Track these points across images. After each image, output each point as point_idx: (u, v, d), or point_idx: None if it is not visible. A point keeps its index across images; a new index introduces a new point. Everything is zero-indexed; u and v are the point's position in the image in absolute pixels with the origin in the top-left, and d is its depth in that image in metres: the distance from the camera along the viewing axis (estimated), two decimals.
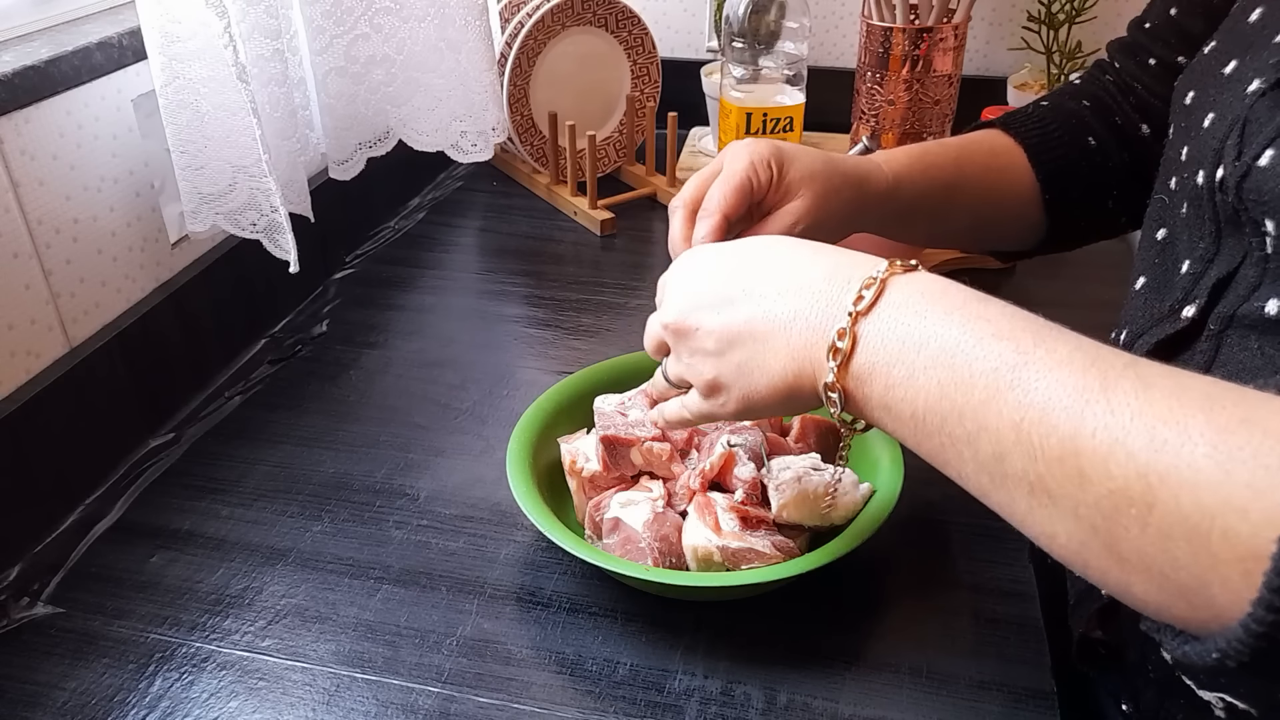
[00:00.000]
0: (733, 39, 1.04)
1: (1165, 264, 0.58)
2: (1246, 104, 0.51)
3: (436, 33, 0.96)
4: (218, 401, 0.82)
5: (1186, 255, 0.55)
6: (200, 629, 0.61)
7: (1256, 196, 0.48)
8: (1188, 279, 0.55)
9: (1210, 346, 0.52)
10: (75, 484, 0.71)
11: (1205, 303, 0.53)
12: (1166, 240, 0.59)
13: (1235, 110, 0.52)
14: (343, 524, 0.69)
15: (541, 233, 1.11)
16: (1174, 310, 0.55)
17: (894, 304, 0.44)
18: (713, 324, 0.50)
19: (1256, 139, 0.49)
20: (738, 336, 0.49)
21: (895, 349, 0.43)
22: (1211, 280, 0.52)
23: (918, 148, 0.72)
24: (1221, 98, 0.54)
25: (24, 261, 0.69)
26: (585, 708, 0.55)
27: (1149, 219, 0.62)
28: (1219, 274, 0.52)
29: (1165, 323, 0.55)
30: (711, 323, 0.50)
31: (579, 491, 0.66)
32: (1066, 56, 1.19)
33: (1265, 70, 0.51)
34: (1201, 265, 0.54)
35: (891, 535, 0.60)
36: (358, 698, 0.56)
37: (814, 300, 0.46)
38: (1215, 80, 0.56)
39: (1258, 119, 0.50)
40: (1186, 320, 0.53)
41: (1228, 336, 0.51)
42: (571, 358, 0.87)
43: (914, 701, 0.55)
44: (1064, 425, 0.37)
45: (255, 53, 0.77)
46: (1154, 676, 0.55)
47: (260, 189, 0.78)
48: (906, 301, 0.44)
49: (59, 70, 0.69)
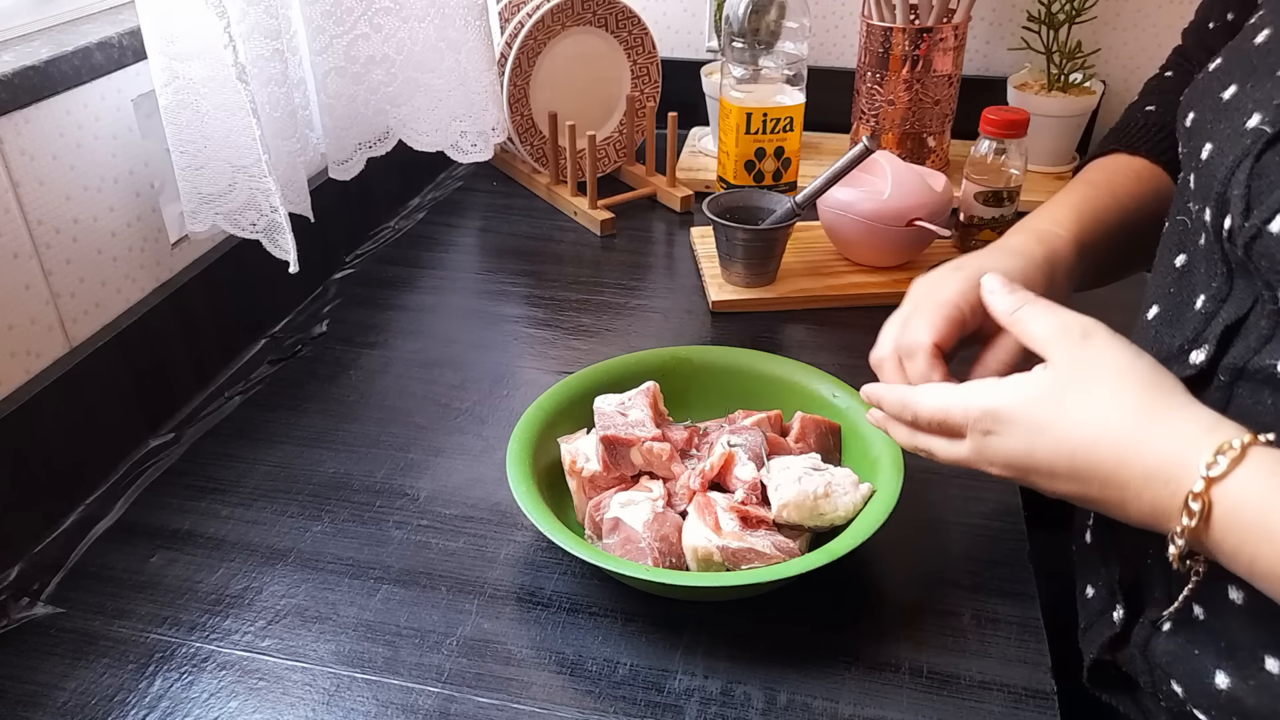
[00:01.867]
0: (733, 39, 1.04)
1: (1181, 294, 0.56)
2: (1246, 144, 0.49)
3: (436, 33, 0.96)
4: (218, 401, 0.82)
5: (1203, 289, 0.53)
6: (200, 629, 0.61)
7: (1269, 263, 0.47)
8: (1200, 317, 0.53)
9: (1221, 396, 0.51)
10: (75, 484, 0.71)
11: (1215, 350, 0.51)
12: (1185, 268, 0.56)
13: (1235, 149, 0.50)
14: (343, 524, 0.69)
15: (541, 233, 1.11)
16: (1184, 351, 0.53)
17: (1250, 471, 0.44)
18: (1036, 478, 0.51)
19: (1267, 199, 0.47)
20: (1068, 482, 0.49)
21: (1248, 518, 0.44)
22: (1221, 325, 0.51)
23: (1075, 200, 0.68)
24: (1219, 127, 0.52)
25: (24, 261, 0.69)
26: (585, 708, 0.55)
27: (1166, 242, 0.59)
28: (1229, 319, 0.51)
29: (1173, 364, 0.53)
30: (1041, 476, 0.50)
31: (579, 491, 0.66)
32: (1066, 56, 1.19)
33: (1267, 106, 0.49)
34: (1214, 304, 0.52)
35: (891, 535, 0.60)
36: (358, 698, 0.56)
37: (1141, 511, 0.47)
38: (1214, 104, 0.54)
39: (1267, 174, 0.48)
40: (1195, 368, 0.52)
41: (1239, 388, 0.50)
42: (571, 358, 0.87)
43: (914, 701, 0.55)
44: None
45: (255, 53, 0.77)
46: (1165, 705, 0.55)
47: (260, 189, 0.77)
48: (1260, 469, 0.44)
49: (59, 70, 0.69)
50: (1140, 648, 0.56)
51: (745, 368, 0.75)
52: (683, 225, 1.12)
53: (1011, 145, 0.98)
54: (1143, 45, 1.26)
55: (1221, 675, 0.51)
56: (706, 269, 0.99)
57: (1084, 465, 0.48)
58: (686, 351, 0.76)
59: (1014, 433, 0.50)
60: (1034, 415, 0.49)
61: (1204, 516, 0.44)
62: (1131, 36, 1.26)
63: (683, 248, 1.08)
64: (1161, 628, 0.54)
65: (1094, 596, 0.61)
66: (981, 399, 0.51)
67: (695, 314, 0.95)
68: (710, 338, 0.91)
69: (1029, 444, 0.49)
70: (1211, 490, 0.44)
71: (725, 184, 1.10)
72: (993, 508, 0.69)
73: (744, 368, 0.75)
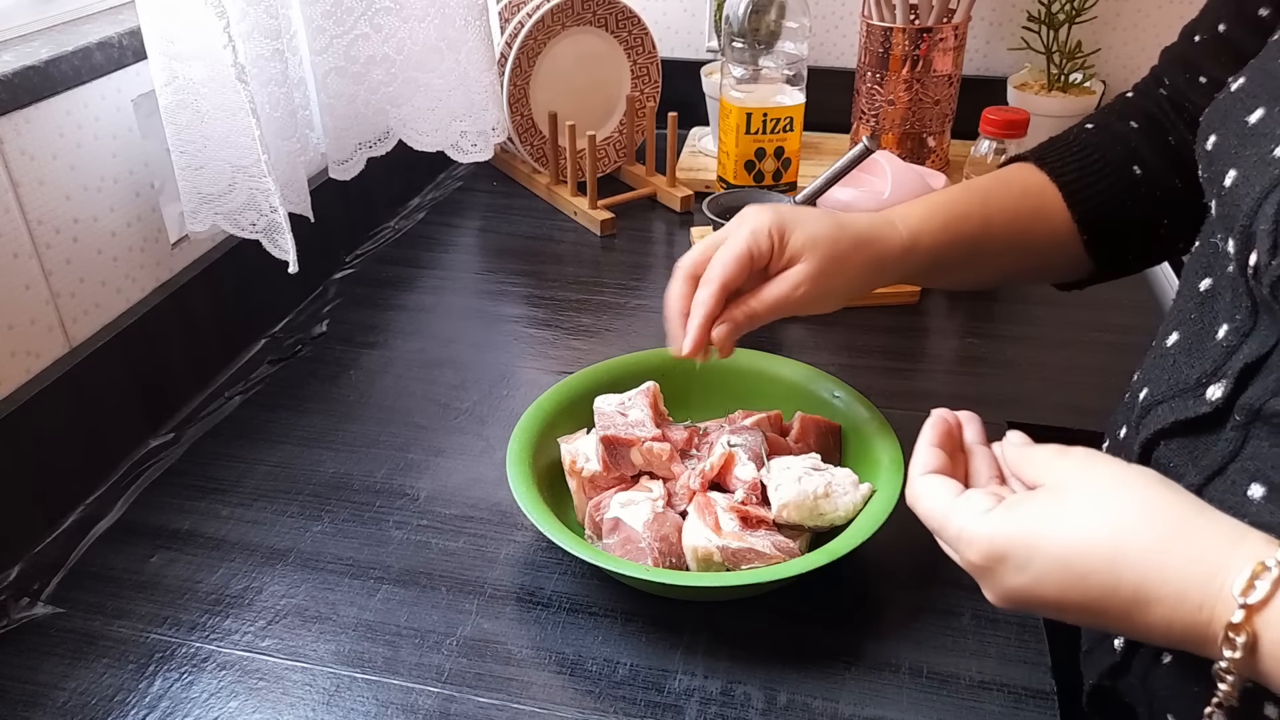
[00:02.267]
0: (733, 39, 1.04)
1: (1203, 321, 0.53)
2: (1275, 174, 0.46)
3: (436, 33, 0.96)
4: (218, 401, 0.82)
5: (1225, 319, 0.51)
6: (200, 629, 0.61)
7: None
8: (1221, 350, 0.50)
9: (1237, 437, 0.48)
10: (75, 484, 0.71)
11: (1232, 387, 0.49)
12: (1209, 293, 0.53)
13: (1263, 179, 0.47)
14: (343, 524, 0.69)
15: (541, 233, 1.11)
16: (1201, 385, 0.51)
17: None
18: (1049, 610, 0.45)
19: None
20: (1079, 612, 0.43)
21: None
22: (1242, 362, 0.48)
23: (940, 196, 0.69)
24: (1245, 153, 0.49)
25: (24, 261, 0.69)
26: (585, 708, 0.55)
27: (1193, 265, 0.56)
28: (1250, 356, 0.48)
29: (1189, 397, 0.51)
30: (1047, 609, 0.45)
31: (579, 491, 0.66)
32: (1066, 56, 1.19)
33: None
34: (1237, 338, 0.49)
35: (891, 535, 0.60)
36: (358, 698, 0.56)
37: (1168, 632, 0.41)
38: (1239, 128, 0.51)
39: None
40: (1210, 405, 0.50)
41: (1255, 429, 0.47)
42: (571, 358, 0.87)
43: (914, 701, 0.55)
44: None
45: (255, 53, 0.77)
46: None
47: (260, 189, 0.77)
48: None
49: (59, 70, 0.69)
50: (1140, 678, 0.55)
51: (745, 368, 0.75)
52: (683, 225, 1.12)
53: (1012, 145, 0.98)
54: (1143, 45, 1.26)
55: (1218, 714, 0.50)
56: None
57: (1098, 592, 0.42)
58: None
59: (1013, 564, 0.44)
60: (1034, 540, 0.44)
61: (1249, 649, 0.39)
62: (1131, 36, 1.26)
63: (683, 248, 1.08)
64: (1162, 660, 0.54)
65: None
66: (976, 529, 0.46)
67: None
68: None
69: (1033, 575, 0.44)
70: (1254, 620, 0.39)
71: (725, 184, 1.10)
72: None
73: (744, 368, 0.75)
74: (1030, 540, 0.44)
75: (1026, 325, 0.92)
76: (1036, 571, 0.43)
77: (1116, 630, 0.45)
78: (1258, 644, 0.39)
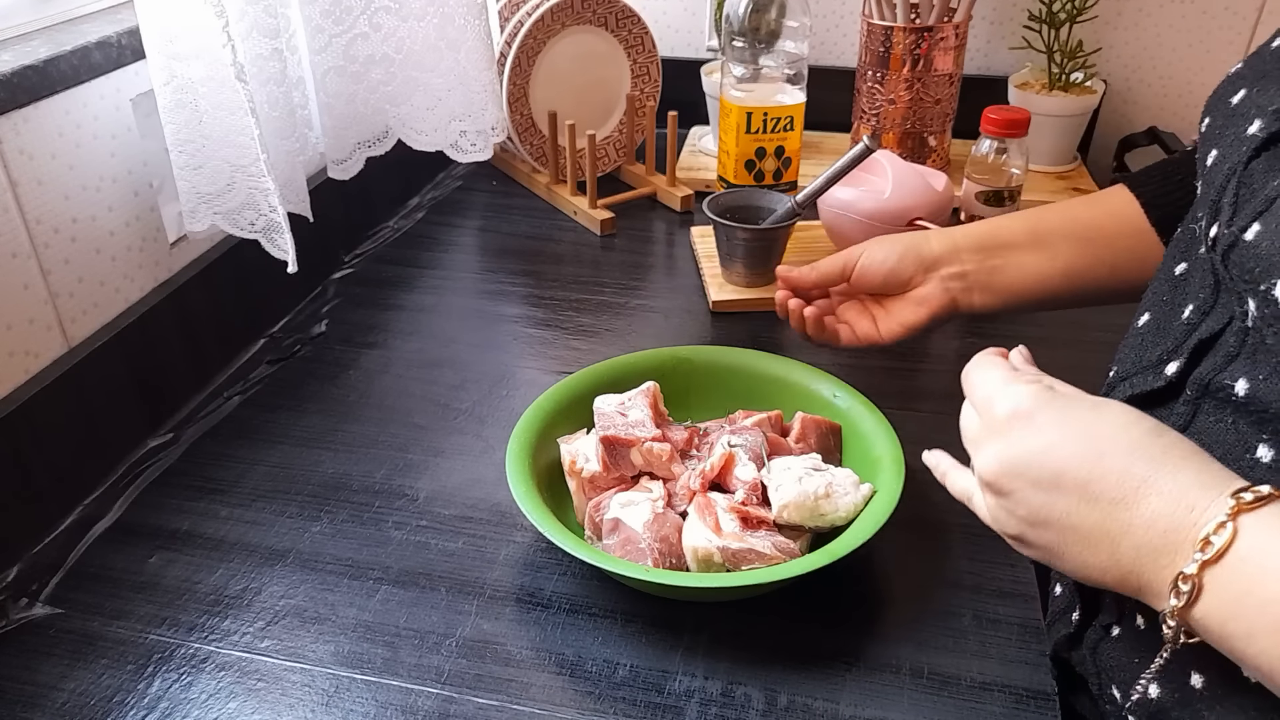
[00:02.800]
0: (733, 38, 1.04)
1: (1173, 303, 0.55)
2: (1243, 153, 0.48)
3: (436, 32, 0.96)
4: (217, 401, 0.82)
5: (1192, 299, 0.53)
6: (199, 629, 0.60)
7: (1239, 271, 0.46)
8: (1183, 328, 0.53)
9: (1187, 411, 0.50)
10: (74, 484, 0.71)
11: (1185, 362, 0.51)
12: (1182, 276, 0.56)
13: (1233, 155, 0.49)
14: (342, 524, 0.69)
15: (541, 233, 1.11)
16: (1161, 361, 0.53)
17: (1241, 556, 0.40)
18: (1033, 501, 0.46)
19: (1247, 207, 0.47)
20: (1056, 525, 0.45)
21: (1235, 605, 0.40)
22: (1197, 338, 0.51)
23: (1030, 215, 0.75)
24: (1225, 133, 0.52)
25: (22, 261, 0.68)
26: (585, 708, 0.55)
27: (1172, 250, 0.59)
28: (1206, 332, 0.50)
29: (1149, 373, 0.54)
30: (1032, 500, 0.46)
31: (579, 492, 0.66)
32: (1067, 56, 1.18)
33: (1265, 113, 0.49)
34: (1198, 316, 0.52)
35: (891, 535, 0.60)
36: (357, 698, 0.56)
37: (1151, 526, 0.42)
38: (1224, 109, 0.53)
39: (1250, 183, 0.47)
40: (1166, 379, 0.52)
41: (1204, 404, 0.49)
42: (571, 358, 0.87)
43: (914, 702, 0.55)
44: None
45: (254, 52, 0.77)
46: (1109, 708, 0.55)
47: (258, 189, 0.77)
48: (1253, 553, 0.40)
49: (58, 70, 0.69)
50: (1090, 650, 0.56)
51: (745, 368, 0.75)
52: (683, 225, 1.12)
53: (1012, 144, 0.98)
54: (1144, 45, 1.26)
55: (1154, 686, 0.51)
56: (706, 269, 0.99)
57: (1106, 469, 0.43)
58: (686, 351, 0.76)
59: (1039, 422, 0.46)
60: (1069, 409, 0.46)
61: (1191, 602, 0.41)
62: (1132, 36, 1.26)
63: (683, 248, 1.07)
64: (1111, 633, 0.54)
65: (1059, 595, 0.61)
66: (1022, 385, 0.48)
67: (695, 314, 0.94)
68: (710, 338, 0.91)
69: (1052, 438, 0.45)
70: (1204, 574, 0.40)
71: (725, 183, 1.10)
72: None
73: (744, 368, 0.75)
74: (1066, 408, 0.46)
75: (1027, 325, 0.92)
76: (1057, 436, 0.45)
77: (1089, 524, 0.44)
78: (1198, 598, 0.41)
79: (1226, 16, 1.22)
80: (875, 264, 0.73)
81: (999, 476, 0.47)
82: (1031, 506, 0.46)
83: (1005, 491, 0.47)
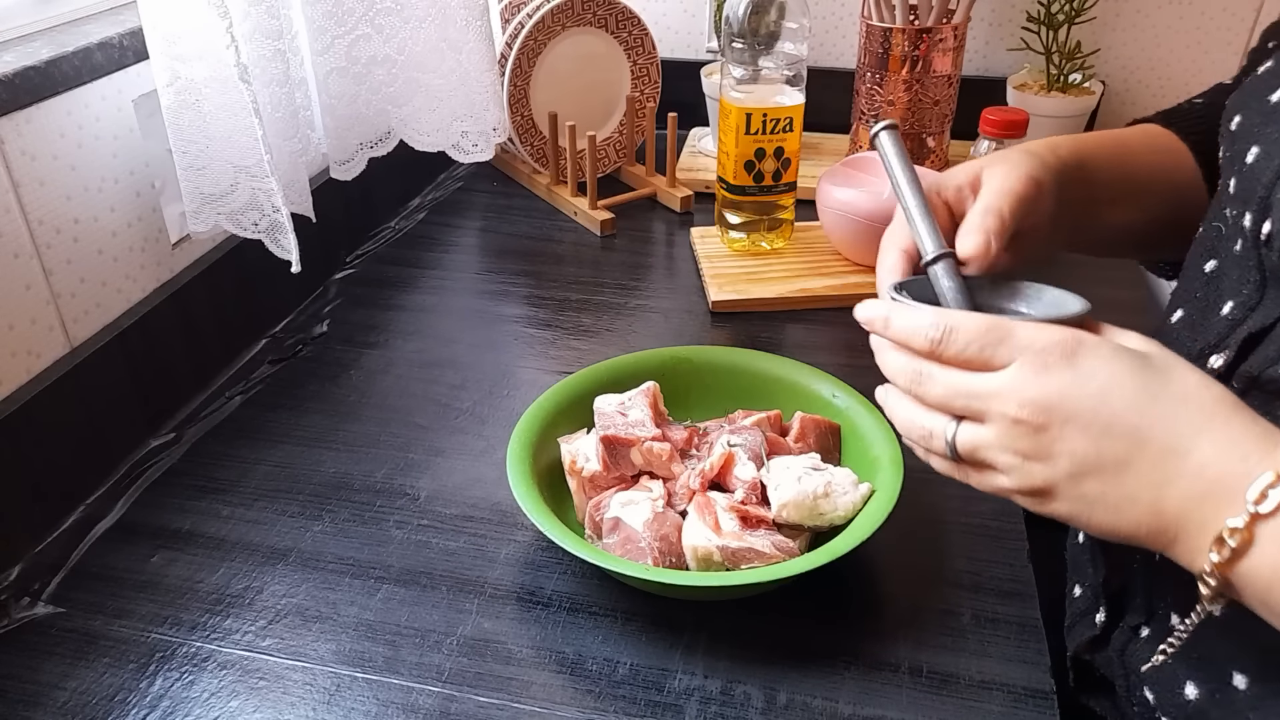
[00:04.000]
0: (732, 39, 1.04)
1: (1208, 299, 0.54)
2: None
3: (437, 33, 0.96)
4: (218, 401, 0.82)
5: (1231, 295, 0.52)
6: (201, 629, 0.61)
7: None
8: (1225, 323, 0.51)
9: None
10: (75, 484, 0.71)
11: (1233, 356, 0.49)
12: (1214, 274, 0.55)
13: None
14: (343, 524, 0.69)
15: (541, 233, 1.11)
16: (1203, 355, 0.52)
17: None
18: (1080, 445, 0.42)
19: None
20: (1104, 471, 0.42)
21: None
22: (1246, 332, 0.49)
23: (1080, 136, 0.65)
24: (1266, 130, 0.50)
25: (25, 261, 0.69)
26: (585, 707, 0.55)
27: (1198, 247, 0.58)
28: (1255, 326, 0.49)
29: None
30: (1079, 442, 0.42)
31: (579, 491, 0.66)
32: (1066, 57, 1.19)
33: None
34: (1243, 311, 0.50)
35: (891, 535, 0.60)
36: (358, 697, 0.56)
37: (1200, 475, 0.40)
38: (1262, 107, 0.52)
39: None
40: (1211, 373, 0.50)
41: (1250, 398, 0.47)
42: (571, 358, 0.87)
43: (914, 701, 0.55)
44: None
45: (257, 53, 0.77)
46: (1138, 710, 0.55)
47: (262, 189, 0.78)
48: None
49: (60, 70, 0.69)
50: (1118, 652, 0.56)
51: (745, 368, 0.75)
52: (682, 225, 1.12)
53: (1011, 145, 0.98)
54: (1142, 46, 1.26)
55: (1191, 686, 0.50)
56: (706, 269, 0.99)
57: (1160, 409, 0.41)
58: (686, 351, 0.76)
59: (1088, 361, 0.43)
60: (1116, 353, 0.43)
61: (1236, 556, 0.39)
62: (1131, 37, 1.26)
63: (683, 248, 1.08)
64: (1140, 634, 0.54)
65: (1080, 596, 0.61)
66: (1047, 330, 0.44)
67: (695, 314, 0.95)
68: (710, 338, 0.91)
69: (1101, 378, 0.42)
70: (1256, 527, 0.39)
71: (725, 184, 1.10)
72: (992, 508, 0.69)
73: (744, 368, 0.75)
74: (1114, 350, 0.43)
75: None
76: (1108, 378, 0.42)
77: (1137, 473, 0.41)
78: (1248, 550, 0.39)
79: (1224, 18, 1.22)
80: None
81: (1038, 414, 0.42)
82: (1077, 455, 0.42)
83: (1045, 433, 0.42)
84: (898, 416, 0.49)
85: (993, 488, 0.46)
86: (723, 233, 1.05)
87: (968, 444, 0.45)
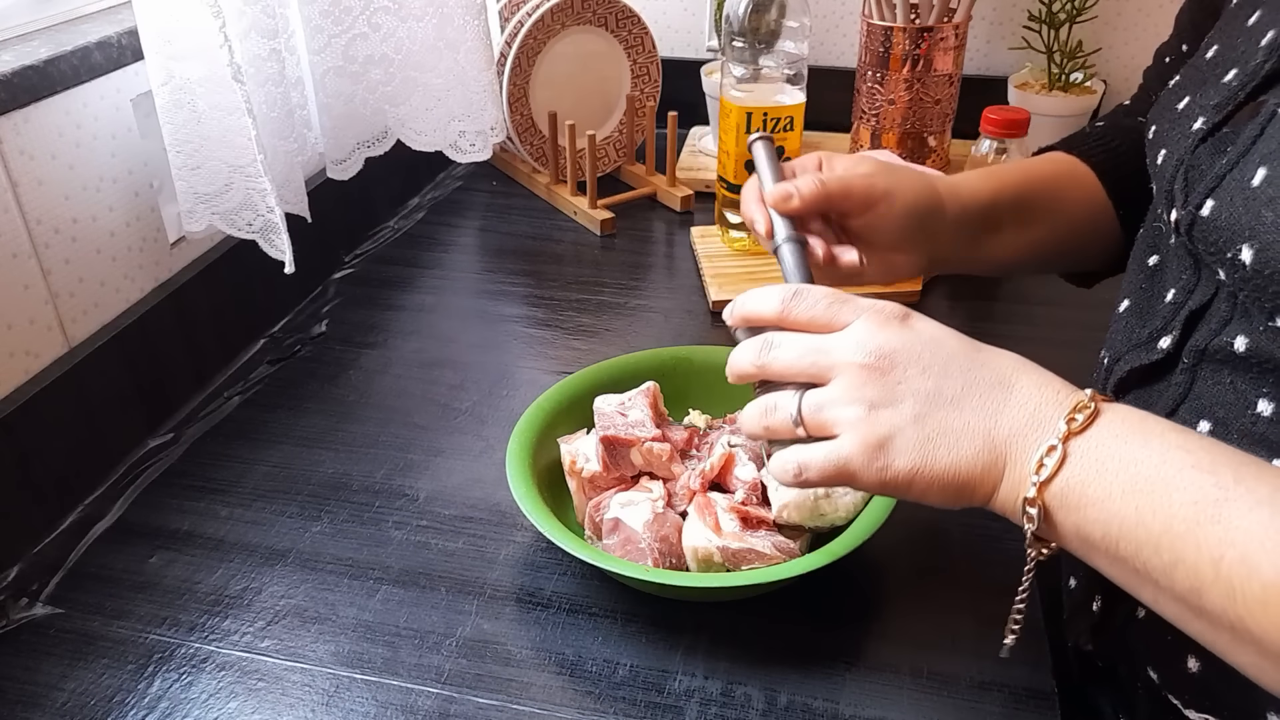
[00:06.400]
0: (733, 38, 1.04)
1: (1151, 290, 0.59)
2: (1189, 145, 0.53)
3: (435, 32, 0.96)
4: (217, 401, 0.82)
5: (1172, 284, 0.56)
6: (199, 629, 0.60)
7: (1204, 245, 0.50)
8: (1169, 308, 0.55)
9: (1185, 379, 0.53)
10: (74, 484, 0.71)
11: (1180, 335, 0.54)
12: (1156, 267, 0.59)
13: (1180, 150, 0.54)
14: (342, 524, 0.69)
15: (541, 233, 1.11)
16: (1152, 338, 0.56)
17: (1102, 427, 0.43)
18: (922, 384, 0.46)
19: (1198, 187, 0.51)
20: (944, 405, 0.45)
21: (1097, 471, 0.42)
22: (1187, 311, 0.53)
23: (977, 172, 0.72)
24: (1172, 134, 0.56)
25: (23, 261, 0.68)
26: (585, 708, 0.55)
27: (1142, 244, 0.63)
28: (1195, 305, 0.53)
29: (1142, 350, 0.56)
30: (920, 382, 0.46)
31: (579, 491, 0.66)
32: (1067, 56, 1.18)
33: (1207, 110, 0.53)
34: (1184, 295, 0.55)
35: (891, 535, 0.60)
36: (357, 698, 0.56)
37: (1024, 405, 0.45)
38: (1170, 116, 0.58)
39: (1198, 165, 0.52)
40: (1161, 352, 0.54)
41: (1201, 370, 0.52)
42: (571, 358, 0.87)
43: (914, 702, 0.55)
44: (1267, 570, 0.37)
45: (252, 52, 0.77)
46: (1143, 691, 0.55)
47: (255, 189, 0.77)
48: (1112, 427, 0.43)
49: (58, 70, 0.69)
50: (1119, 634, 0.56)
51: None
52: (683, 225, 1.12)
53: (1012, 145, 0.98)
54: (1143, 45, 1.26)
55: (1193, 659, 0.52)
56: (706, 269, 0.99)
57: (982, 359, 0.46)
58: (686, 351, 0.76)
59: (918, 322, 0.48)
60: (934, 321, 0.49)
61: (1052, 475, 0.43)
62: (1132, 36, 1.26)
63: (683, 248, 1.08)
64: (1137, 614, 0.55)
65: (1076, 587, 0.62)
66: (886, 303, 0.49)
67: (695, 314, 0.94)
68: (710, 338, 0.91)
69: (933, 331, 0.47)
70: (1069, 444, 0.43)
71: (725, 183, 1.10)
72: None
73: None
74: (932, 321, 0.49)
75: (1026, 325, 0.92)
76: (939, 331, 0.48)
77: (972, 406, 0.45)
78: (1062, 467, 0.43)
79: None
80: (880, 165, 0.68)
81: (883, 359, 0.46)
82: (920, 393, 0.45)
83: (889, 375, 0.46)
84: (744, 414, 0.51)
85: (830, 461, 0.47)
86: (723, 232, 1.05)
87: (814, 403, 0.47)
